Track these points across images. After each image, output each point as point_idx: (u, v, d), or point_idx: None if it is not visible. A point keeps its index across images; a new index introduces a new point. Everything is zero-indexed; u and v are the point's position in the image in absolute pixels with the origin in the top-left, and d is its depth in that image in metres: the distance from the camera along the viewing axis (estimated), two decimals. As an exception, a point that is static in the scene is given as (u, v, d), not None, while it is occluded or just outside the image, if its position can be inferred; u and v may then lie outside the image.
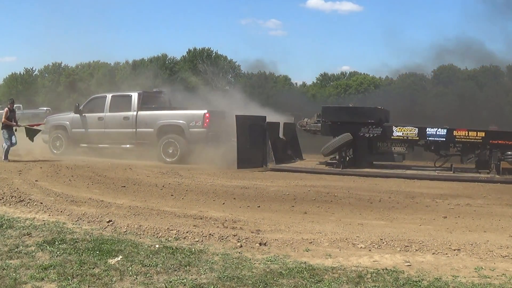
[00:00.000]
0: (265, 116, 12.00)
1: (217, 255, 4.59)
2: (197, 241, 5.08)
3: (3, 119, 12.63)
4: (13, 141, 12.42)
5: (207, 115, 12.49)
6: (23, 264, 4.19)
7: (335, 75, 60.79)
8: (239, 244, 4.99)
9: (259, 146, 11.66)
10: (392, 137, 11.07)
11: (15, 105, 13.66)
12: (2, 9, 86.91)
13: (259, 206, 7.23)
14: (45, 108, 39.42)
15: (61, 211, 6.34)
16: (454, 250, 4.85)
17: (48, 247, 4.68)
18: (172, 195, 7.99)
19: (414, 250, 4.85)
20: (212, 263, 4.34)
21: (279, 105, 15.38)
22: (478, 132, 10.55)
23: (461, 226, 6.08)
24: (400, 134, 11.01)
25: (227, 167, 11.34)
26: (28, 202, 6.84)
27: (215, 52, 55.22)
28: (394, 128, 11.07)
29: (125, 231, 5.42)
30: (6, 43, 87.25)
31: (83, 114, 13.94)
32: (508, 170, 10.27)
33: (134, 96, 13.51)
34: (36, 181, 8.85)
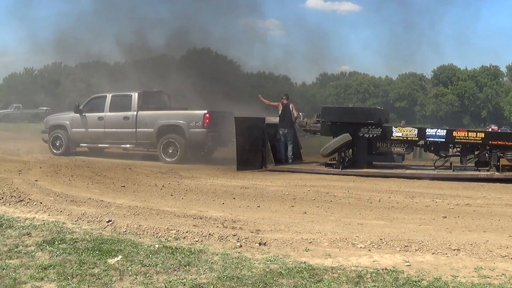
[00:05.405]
0: (264, 118, 12.00)
1: (217, 255, 4.58)
2: (197, 241, 5.08)
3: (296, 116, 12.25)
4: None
5: (207, 115, 12.47)
6: (22, 264, 4.19)
7: (334, 75, 60.76)
8: (238, 244, 4.98)
9: (258, 147, 11.67)
10: (391, 137, 11.06)
11: (15, 105, 13.58)
12: (3, 9, 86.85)
13: (259, 206, 7.23)
14: (45, 108, 39.46)
15: (61, 211, 6.33)
16: (454, 250, 4.85)
17: (47, 247, 4.68)
18: (171, 195, 7.99)
19: (414, 250, 4.85)
20: (211, 263, 4.33)
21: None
22: (478, 133, 10.55)
23: (460, 226, 6.08)
24: (400, 134, 11.00)
25: (227, 167, 11.34)
26: (28, 202, 6.83)
27: (215, 52, 55.15)
28: (394, 129, 11.07)
29: (125, 231, 5.42)
30: (6, 43, 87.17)
31: (83, 114, 13.93)
32: (507, 167, 10.26)
33: (134, 96, 13.50)
34: (35, 181, 8.85)
